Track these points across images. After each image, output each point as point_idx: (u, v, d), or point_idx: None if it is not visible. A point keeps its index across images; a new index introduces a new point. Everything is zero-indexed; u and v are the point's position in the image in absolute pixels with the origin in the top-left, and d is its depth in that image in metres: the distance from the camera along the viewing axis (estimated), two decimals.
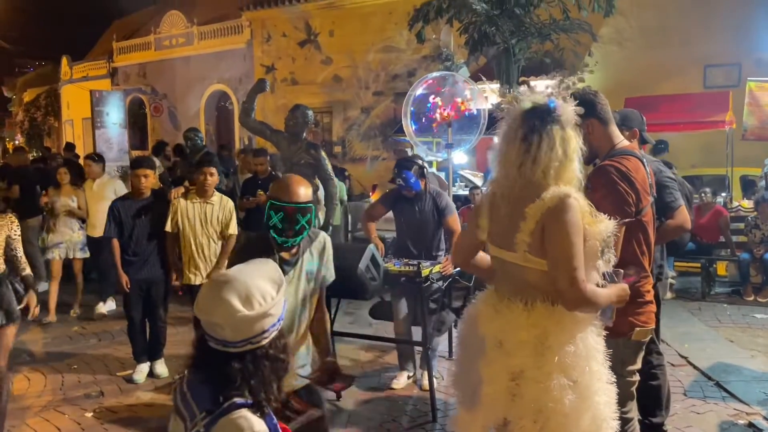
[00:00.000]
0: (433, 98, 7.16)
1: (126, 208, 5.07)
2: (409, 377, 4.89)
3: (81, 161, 9.25)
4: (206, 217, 5.02)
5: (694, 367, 5.22)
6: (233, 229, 5.12)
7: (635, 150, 2.86)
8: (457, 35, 13.99)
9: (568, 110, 2.32)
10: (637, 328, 2.69)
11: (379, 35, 16.89)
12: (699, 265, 7.67)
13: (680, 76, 13.40)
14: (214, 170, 5.04)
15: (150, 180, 5.18)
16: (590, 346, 2.22)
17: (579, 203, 2.19)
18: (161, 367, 5.19)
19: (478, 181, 11.33)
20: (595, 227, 2.22)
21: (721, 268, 8.18)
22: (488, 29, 8.72)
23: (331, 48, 17.80)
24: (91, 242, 7.07)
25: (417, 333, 4.92)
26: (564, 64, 11.20)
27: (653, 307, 2.78)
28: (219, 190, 6.74)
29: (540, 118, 2.25)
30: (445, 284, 4.52)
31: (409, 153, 13.01)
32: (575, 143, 2.27)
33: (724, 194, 8.87)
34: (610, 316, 2.38)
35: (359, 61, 17.29)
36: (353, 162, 17.08)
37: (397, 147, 17.26)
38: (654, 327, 2.81)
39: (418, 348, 4.88)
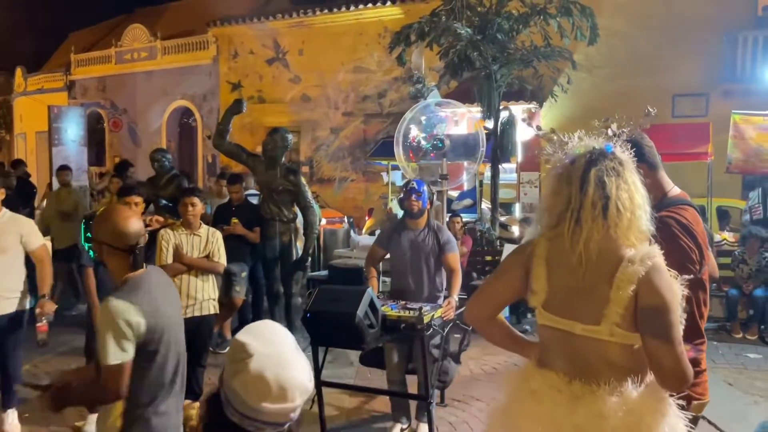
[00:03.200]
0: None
1: None
2: (402, 430, 4.50)
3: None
4: (193, 249, 4.58)
5: None
6: (222, 259, 4.68)
7: (688, 198, 2.58)
8: (431, 58, 13.82)
9: (626, 156, 2.03)
10: (695, 402, 2.39)
11: (349, 55, 16.64)
12: None
13: (649, 105, 13.47)
14: (196, 200, 4.60)
15: (140, 207, 4.69)
16: (681, 430, 1.91)
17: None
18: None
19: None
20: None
21: None
22: (471, 53, 8.50)
23: (300, 67, 17.46)
24: None
25: (411, 380, 4.55)
26: (543, 91, 11.09)
27: (706, 377, 2.48)
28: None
29: (611, 160, 1.94)
30: (446, 330, 4.16)
31: (385, 177, 12.77)
32: (644, 191, 1.98)
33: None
34: None
35: (329, 81, 16.99)
36: (321, 183, 16.70)
37: (366, 169, 17.02)
38: (709, 400, 2.51)
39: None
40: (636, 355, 1.90)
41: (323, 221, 9.78)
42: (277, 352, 1.48)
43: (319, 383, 4.14)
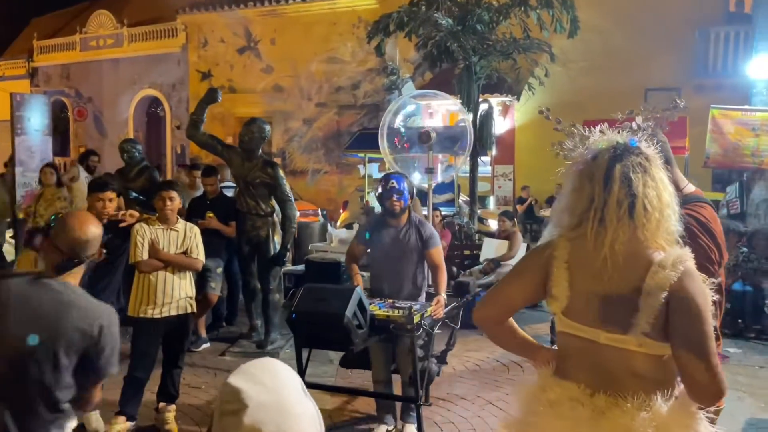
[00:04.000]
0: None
1: None
2: (388, 431, 4.36)
3: None
4: (170, 245, 4.36)
5: None
6: (201, 255, 4.47)
7: (702, 194, 2.46)
8: (405, 49, 13.61)
9: (652, 151, 1.89)
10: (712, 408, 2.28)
11: (322, 45, 16.38)
12: None
13: (622, 99, 13.46)
14: (174, 194, 4.36)
15: (114, 204, 4.38)
16: None
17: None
18: (97, 422, 4.42)
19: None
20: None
21: None
22: (451, 45, 8.36)
23: (272, 56, 17.15)
24: None
25: (395, 379, 4.41)
26: (520, 84, 11.02)
27: None
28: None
29: (637, 155, 1.81)
30: (435, 330, 4.02)
31: (361, 170, 12.60)
32: (672, 189, 1.85)
33: None
34: None
35: (301, 71, 16.72)
36: (294, 175, 16.44)
37: (340, 161, 16.79)
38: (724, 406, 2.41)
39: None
40: (665, 366, 1.78)
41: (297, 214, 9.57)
42: (277, 401, 1.19)
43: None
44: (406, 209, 4.27)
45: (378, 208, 4.98)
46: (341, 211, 12.65)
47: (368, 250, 4.48)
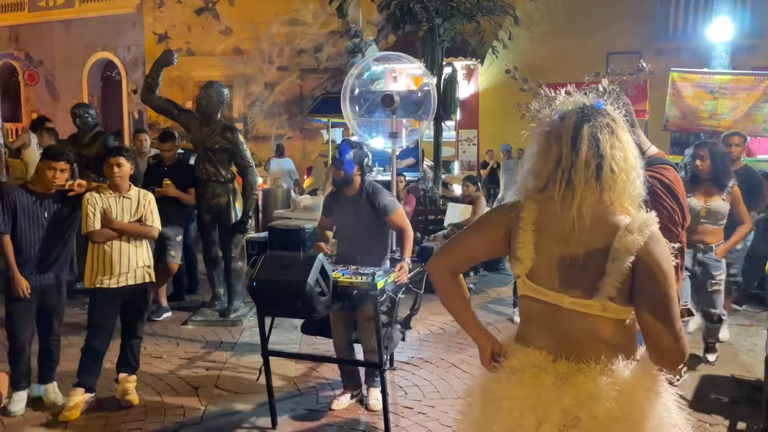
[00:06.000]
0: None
1: (24, 199, 4.12)
2: (352, 396, 4.36)
3: None
4: (124, 213, 4.22)
5: None
6: (156, 222, 4.34)
7: (665, 156, 2.45)
8: (369, 12, 13.34)
9: (618, 113, 1.86)
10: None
11: (283, 7, 16.00)
12: None
13: (584, 63, 13.51)
14: (122, 160, 4.18)
15: (65, 175, 4.20)
16: (676, 410, 1.81)
17: None
18: (54, 394, 4.32)
19: None
20: None
21: None
22: (414, 6, 8.21)
23: (232, 18, 16.69)
24: None
25: (357, 345, 4.40)
26: (483, 47, 10.94)
27: None
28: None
29: (604, 116, 1.78)
30: (399, 296, 3.99)
31: (325, 135, 12.43)
32: (637, 151, 1.83)
33: None
34: None
35: (262, 34, 16.32)
36: (256, 140, 16.19)
37: (304, 126, 16.54)
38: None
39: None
40: (627, 330, 1.77)
41: (260, 180, 9.41)
42: None
43: (266, 353, 3.92)
44: (349, 178, 4.20)
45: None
46: (305, 177, 12.51)
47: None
